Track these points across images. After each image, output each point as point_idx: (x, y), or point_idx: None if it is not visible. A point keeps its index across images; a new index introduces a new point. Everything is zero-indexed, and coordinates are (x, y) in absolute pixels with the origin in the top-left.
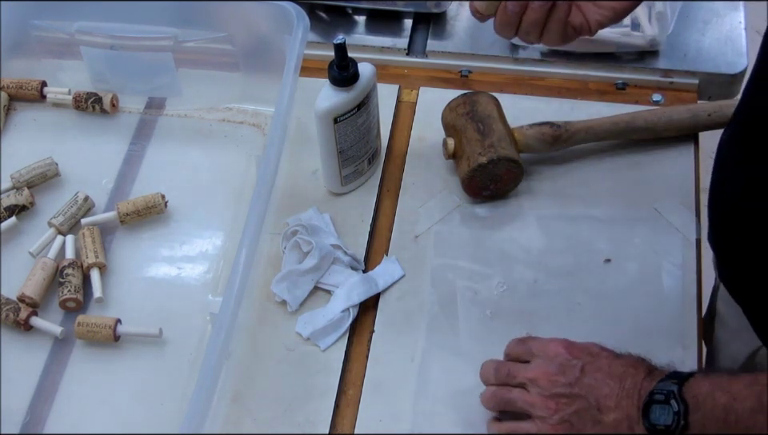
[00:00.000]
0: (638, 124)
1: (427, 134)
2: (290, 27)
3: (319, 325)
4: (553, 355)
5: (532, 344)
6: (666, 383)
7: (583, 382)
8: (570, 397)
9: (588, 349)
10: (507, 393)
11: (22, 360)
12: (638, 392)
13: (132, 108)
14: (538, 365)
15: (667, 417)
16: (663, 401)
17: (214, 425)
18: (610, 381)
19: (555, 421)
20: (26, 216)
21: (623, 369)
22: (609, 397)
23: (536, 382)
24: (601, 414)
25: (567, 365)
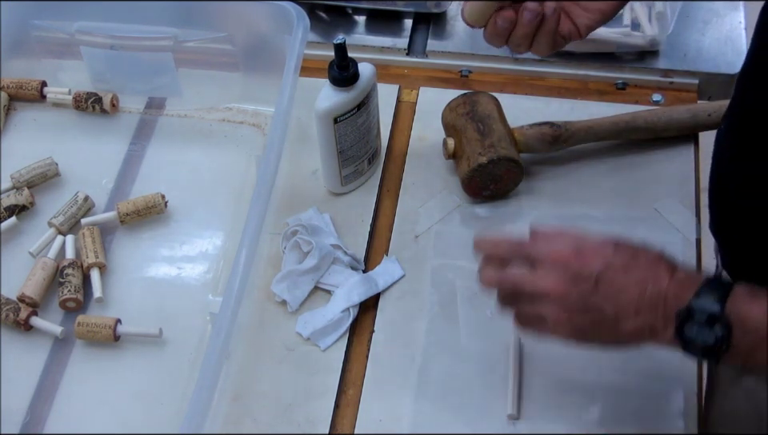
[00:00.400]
0: (638, 124)
1: (427, 134)
2: (290, 27)
3: (319, 325)
4: (563, 264)
5: (533, 249)
6: (706, 299)
7: (599, 293)
8: (583, 308)
9: (601, 254)
10: (517, 308)
11: (22, 360)
12: (663, 300)
13: (132, 108)
14: (546, 277)
15: (707, 337)
16: (704, 322)
17: (214, 425)
18: (629, 289)
19: (568, 331)
20: (26, 216)
21: (642, 274)
22: (628, 306)
23: (546, 296)
24: (619, 323)
25: (580, 277)
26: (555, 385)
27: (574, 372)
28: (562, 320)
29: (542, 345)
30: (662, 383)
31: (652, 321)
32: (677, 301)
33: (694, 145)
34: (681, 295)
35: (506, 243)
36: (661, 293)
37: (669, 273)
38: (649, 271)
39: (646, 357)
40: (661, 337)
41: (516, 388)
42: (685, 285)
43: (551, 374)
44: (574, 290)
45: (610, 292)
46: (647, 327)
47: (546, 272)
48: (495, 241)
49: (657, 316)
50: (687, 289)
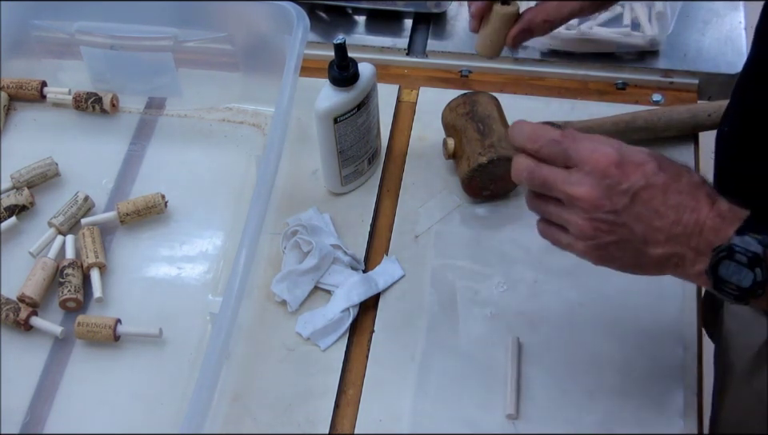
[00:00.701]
0: (637, 124)
1: (427, 134)
2: (290, 27)
3: (319, 325)
4: (601, 172)
5: (572, 147)
6: (749, 238)
7: (632, 211)
8: (612, 224)
9: (643, 169)
10: (544, 206)
11: (22, 360)
12: (699, 231)
13: (132, 108)
14: (581, 181)
15: (743, 279)
16: (746, 264)
17: (214, 425)
18: (665, 212)
19: (590, 247)
20: (26, 216)
21: (681, 198)
22: (660, 231)
23: (576, 202)
24: (646, 247)
25: (616, 189)
26: (555, 385)
27: (574, 372)
28: (586, 231)
29: (541, 345)
30: (662, 383)
31: (682, 251)
32: (714, 235)
33: (694, 145)
34: (720, 229)
35: (544, 137)
36: (698, 222)
37: (709, 201)
38: (689, 196)
39: (646, 356)
40: (687, 269)
41: (515, 388)
42: (726, 218)
43: (551, 374)
44: (607, 202)
45: (645, 212)
46: (675, 256)
47: (581, 176)
48: (533, 132)
49: (689, 247)
50: (728, 224)
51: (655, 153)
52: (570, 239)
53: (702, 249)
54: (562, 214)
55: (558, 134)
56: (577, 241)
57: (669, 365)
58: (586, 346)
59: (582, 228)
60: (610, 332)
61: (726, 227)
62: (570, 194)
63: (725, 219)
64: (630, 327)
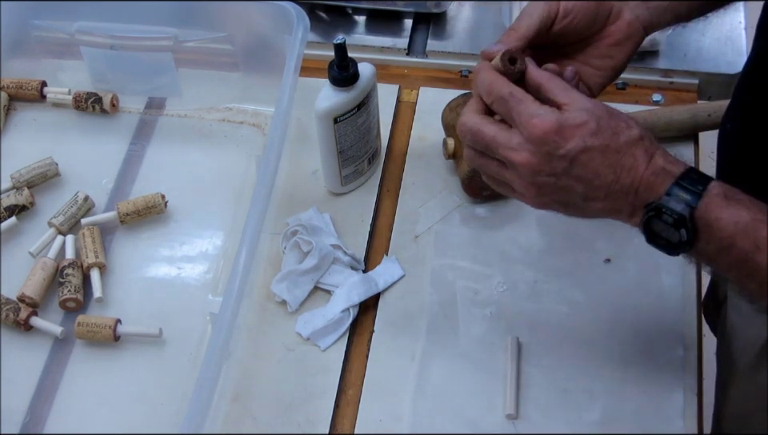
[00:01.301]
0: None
1: (427, 134)
2: (290, 27)
3: (319, 325)
4: (538, 138)
5: (515, 109)
6: (677, 199)
7: (571, 173)
8: (553, 185)
9: (581, 132)
10: (486, 165)
11: (22, 360)
12: (635, 190)
13: (132, 108)
14: (520, 147)
15: (671, 236)
16: (671, 224)
17: (214, 424)
18: (603, 172)
19: (534, 202)
20: (26, 216)
21: (619, 158)
22: (599, 189)
23: (517, 167)
24: (586, 202)
25: (554, 155)
26: (554, 385)
27: (574, 372)
28: (529, 191)
29: (541, 345)
30: (662, 383)
31: (620, 206)
32: (648, 192)
33: (694, 145)
34: (653, 186)
35: (496, 93)
36: (634, 181)
37: (647, 158)
38: (627, 155)
39: (646, 356)
40: (626, 219)
41: (515, 388)
42: (659, 176)
43: (550, 374)
44: (546, 167)
45: (583, 174)
46: (614, 210)
47: (521, 141)
48: (490, 85)
49: (626, 202)
50: (661, 182)
51: (597, 106)
52: (514, 193)
53: (637, 204)
54: (505, 175)
55: (507, 92)
56: (522, 196)
57: (669, 365)
58: (586, 346)
59: (527, 188)
60: (610, 332)
61: (658, 185)
62: (510, 160)
63: (658, 176)
64: (630, 327)
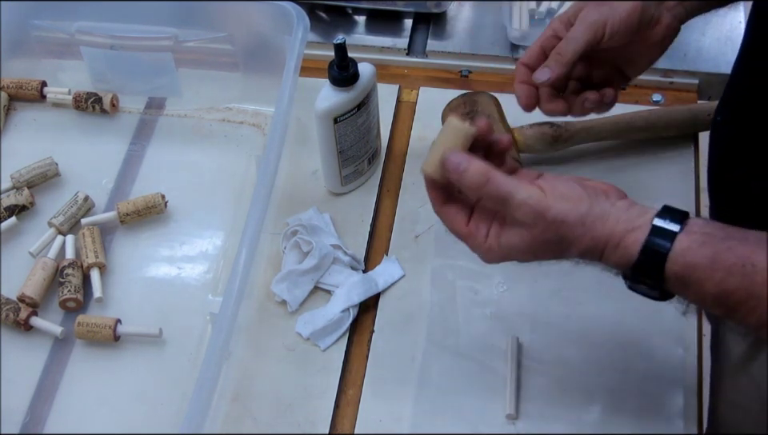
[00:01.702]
0: (637, 124)
1: (427, 134)
2: (290, 27)
3: (319, 325)
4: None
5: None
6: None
7: (547, 257)
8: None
9: (559, 239)
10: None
11: (21, 360)
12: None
13: (132, 108)
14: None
15: (649, 293)
16: (648, 293)
17: (214, 425)
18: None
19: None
20: (26, 216)
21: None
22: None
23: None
24: (564, 254)
25: (538, 250)
26: (554, 385)
27: (574, 372)
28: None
29: (541, 345)
30: (662, 383)
31: (595, 258)
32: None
33: (694, 145)
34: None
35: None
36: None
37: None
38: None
39: (646, 356)
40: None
41: (515, 388)
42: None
43: (550, 374)
44: (527, 257)
45: (549, 255)
46: (590, 254)
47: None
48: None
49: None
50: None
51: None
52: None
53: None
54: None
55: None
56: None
57: (669, 365)
58: (586, 346)
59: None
60: (610, 332)
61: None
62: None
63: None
64: (630, 327)
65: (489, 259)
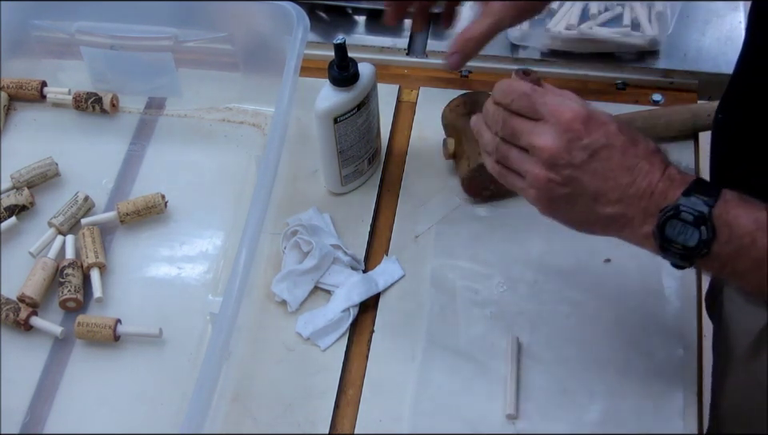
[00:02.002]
0: (637, 124)
1: (427, 134)
2: (290, 27)
3: (319, 325)
4: (564, 125)
5: (540, 101)
6: (695, 198)
7: (589, 167)
8: (567, 177)
9: (605, 128)
10: (507, 150)
11: (21, 360)
12: (649, 194)
13: (132, 108)
14: (545, 133)
15: (689, 238)
16: (691, 222)
17: (214, 425)
18: (620, 173)
19: (541, 196)
20: (26, 216)
21: (637, 161)
22: (613, 190)
23: (537, 152)
24: (596, 204)
25: (576, 145)
26: (554, 385)
27: (574, 372)
28: (540, 180)
29: (541, 345)
30: (662, 383)
31: (631, 212)
32: (663, 197)
33: (694, 145)
34: (668, 193)
35: (516, 91)
36: (650, 186)
37: (662, 167)
38: (645, 161)
39: (646, 356)
40: (635, 230)
41: (515, 388)
42: (675, 182)
43: (550, 374)
44: (565, 155)
45: (600, 170)
46: (624, 217)
47: (546, 127)
48: (508, 86)
49: (638, 208)
50: (676, 188)
51: (615, 117)
52: (523, 184)
53: (650, 210)
54: (522, 163)
55: (528, 87)
56: (530, 188)
57: (669, 365)
58: (586, 346)
59: (538, 177)
60: (610, 332)
61: (674, 190)
62: (533, 144)
63: (673, 183)
64: (630, 327)
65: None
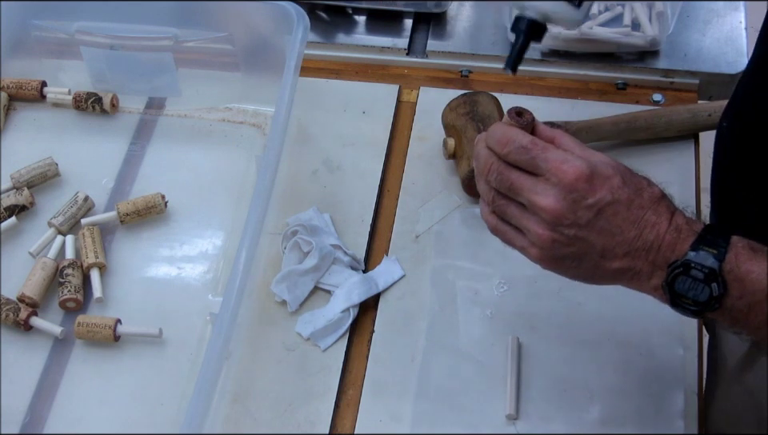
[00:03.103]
0: (638, 124)
1: (427, 134)
2: (290, 27)
3: (319, 325)
4: (568, 185)
5: (540, 157)
6: (704, 253)
7: (595, 226)
8: (573, 238)
9: (610, 184)
10: (505, 207)
11: (21, 360)
12: (657, 247)
13: (132, 108)
14: (546, 192)
15: (699, 294)
16: (702, 279)
17: (214, 425)
18: (626, 227)
19: (545, 256)
20: (26, 216)
21: (643, 213)
22: (620, 245)
23: (541, 212)
24: (603, 260)
25: (581, 204)
26: (554, 385)
27: (574, 372)
28: (544, 241)
29: (541, 345)
30: (662, 383)
31: (639, 265)
32: (671, 251)
33: (694, 145)
34: (676, 246)
35: (514, 143)
36: (657, 238)
37: (668, 216)
38: (651, 211)
39: (646, 356)
40: (643, 283)
41: (515, 388)
42: (682, 233)
43: (550, 374)
44: (570, 216)
45: (607, 227)
46: (631, 271)
47: (548, 187)
48: (504, 135)
49: (645, 261)
50: (683, 241)
51: (618, 163)
52: (524, 243)
53: (658, 263)
54: (522, 220)
55: (528, 141)
56: (532, 247)
57: (669, 365)
58: (586, 346)
59: (542, 237)
60: (610, 332)
61: (681, 242)
62: (535, 203)
63: (681, 233)
64: (630, 327)
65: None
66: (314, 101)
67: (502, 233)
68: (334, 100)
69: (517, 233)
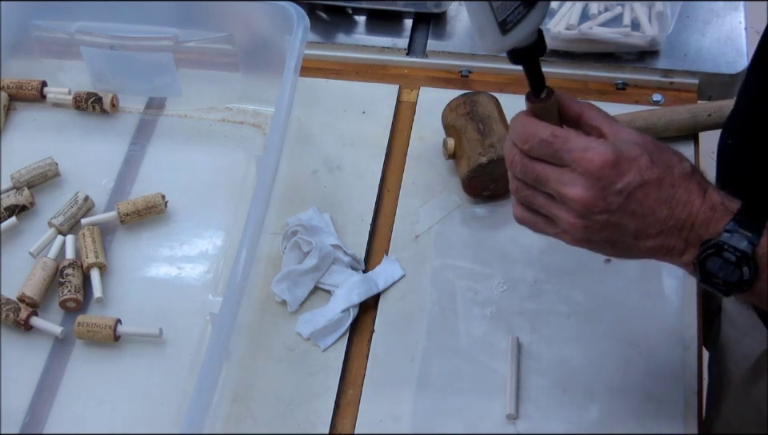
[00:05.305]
0: (638, 124)
1: (427, 134)
2: (290, 27)
3: (319, 325)
4: (595, 173)
5: (563, 148)
6: (739, 236)
7: (626, 209)
8: (605, 223)
9: (637, 165)
10: (532, 197)
11: (22, 360)
12: (690, 224)
13: (132, 108)
14: (575, 182)
15: (730, 275)
16: (734, 262)
17: (214, 425)
18: (658, 207)
19: (579, 240)
20: (26, 216)
21: (674, 191)
22: (652, 225)
23: (570, 202)
24: (637, 241)
25: (610, 190)
26: (554, 385)
27: (574, 372)
28: (577, 229)
29: (541, 345)
30: (662, 383)
31: (673, 242)
32: (705, 229)
33: (694, 145)
34: (710, 224)
35: (534, 137)
36: (690, 216)
37: (701, 193)
38: (682, 189)
39: (646, 356)
40: (675, 258)
41: (515, 388)
42: (717, 211)
43: (550, 374)
44: (600, 203)
45: (638, 210)
46: (665, 247)
47: (575, 176)
48: (524, 130)
49: (679, 238)
50: (719, 219)
51: (645, 139)
52: (557, 230)
53: (691, 241)
54: (552, 209)
55: (548, 134)
56: (565, 234)
57: (669, 365)
58: (586, 346)
59: (574, 226)
60: (610, 332)
61: (716, 221)
62: (563, 194)
63: (716, 211)
64: (630, 327)
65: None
66: (314, 101)
67: (532, 224)
68: (334, 100)
69: (547, 222)
